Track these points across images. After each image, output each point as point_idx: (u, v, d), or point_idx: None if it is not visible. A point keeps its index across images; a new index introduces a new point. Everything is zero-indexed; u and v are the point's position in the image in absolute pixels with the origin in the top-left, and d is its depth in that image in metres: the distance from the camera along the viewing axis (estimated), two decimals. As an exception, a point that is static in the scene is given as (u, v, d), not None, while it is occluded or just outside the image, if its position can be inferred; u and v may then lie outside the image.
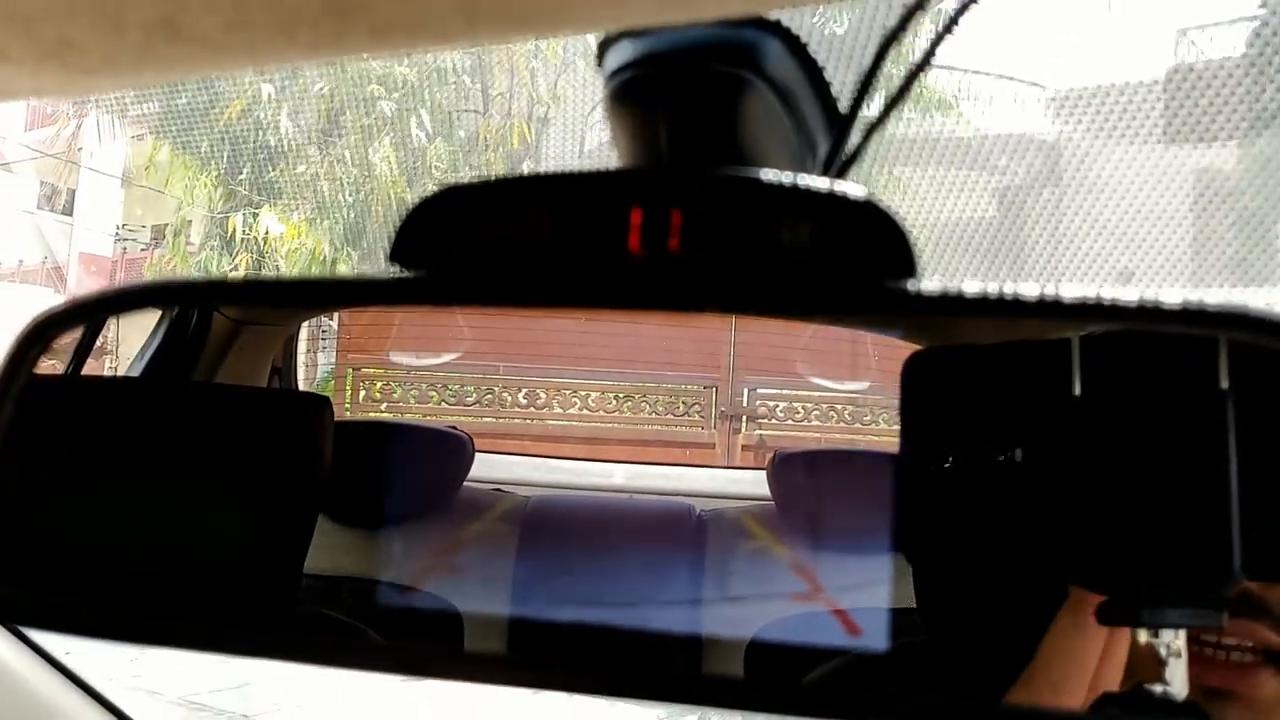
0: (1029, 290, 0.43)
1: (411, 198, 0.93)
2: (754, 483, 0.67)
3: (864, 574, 0.66)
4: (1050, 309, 0.42)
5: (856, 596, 0.65)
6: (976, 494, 0.51)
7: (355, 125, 6.13)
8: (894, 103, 0.52)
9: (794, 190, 0.45)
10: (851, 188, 0.45)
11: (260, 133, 6.13)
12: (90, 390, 0.78)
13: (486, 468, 0.74)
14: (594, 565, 0.64)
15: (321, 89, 6.26)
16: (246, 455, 0.72)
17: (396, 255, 0.47)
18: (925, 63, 0.52)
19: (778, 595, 0.62)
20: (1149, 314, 0.41)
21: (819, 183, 0.46)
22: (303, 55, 0.37)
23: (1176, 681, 0.51)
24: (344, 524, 0.75)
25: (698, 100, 0.51)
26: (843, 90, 0.53)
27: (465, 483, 0.74)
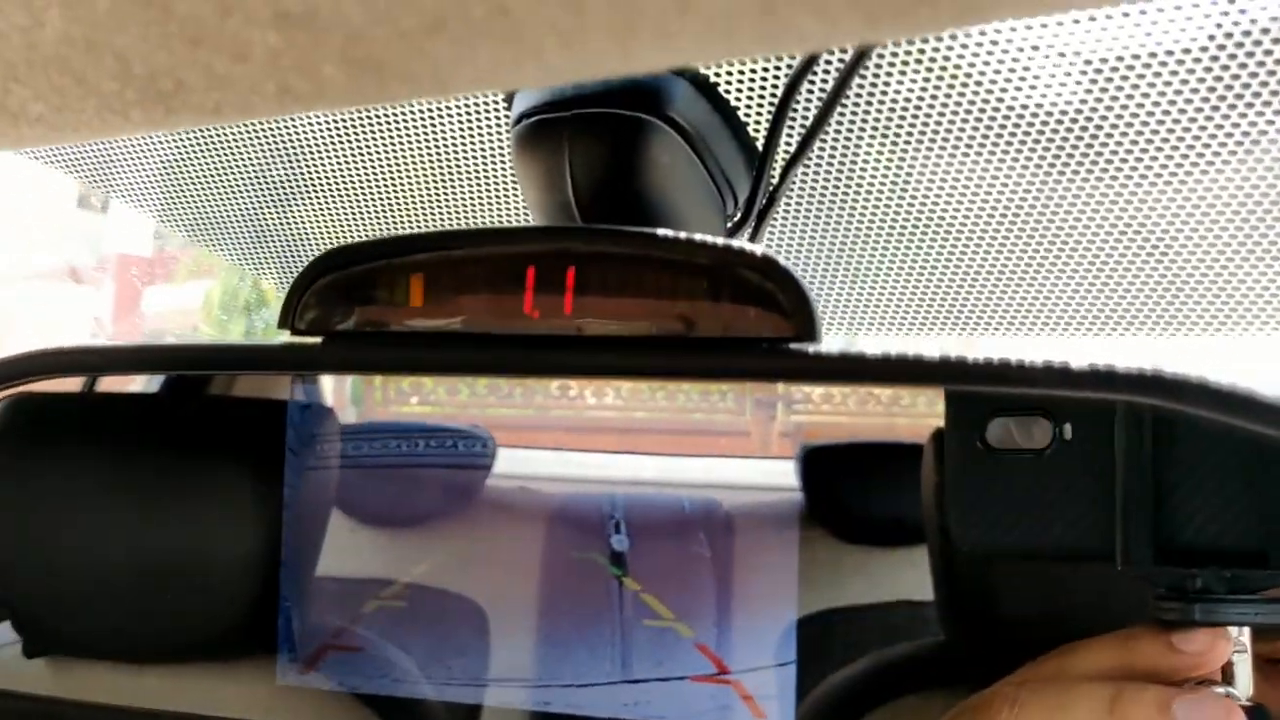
0: (931, 353, 0.40)
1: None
2: (785, 474, 0.66)
3: (894, 568, 0.64)
4: (956, 374, 0.40)
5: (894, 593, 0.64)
6: (1020, 475, 0.49)
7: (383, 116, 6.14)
8: (810, 137, 0.50)
9: (690, 248, 0.43)
10: (750, 246, 0.43)
11: (291, 123, 6.17)
12: (94, 408, 0.78)
13: (515, 463, 0.73)
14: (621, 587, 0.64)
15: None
16: (241, 473, 0.71)
17: (285, 322, 0.46)
18: (837, 96, 0.49)
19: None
20: (1059, 379, 0.39)
21: (716, 241, 0.43)
22: (142, 129, 0.36)
23: (1241, 682, 0.48)
24: (364, 525, 0.74)
25: (600, 147, 0.49)
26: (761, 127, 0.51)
27: (490, 479, 0.73)
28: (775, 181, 0.55)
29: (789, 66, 0.58)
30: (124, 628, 0.71)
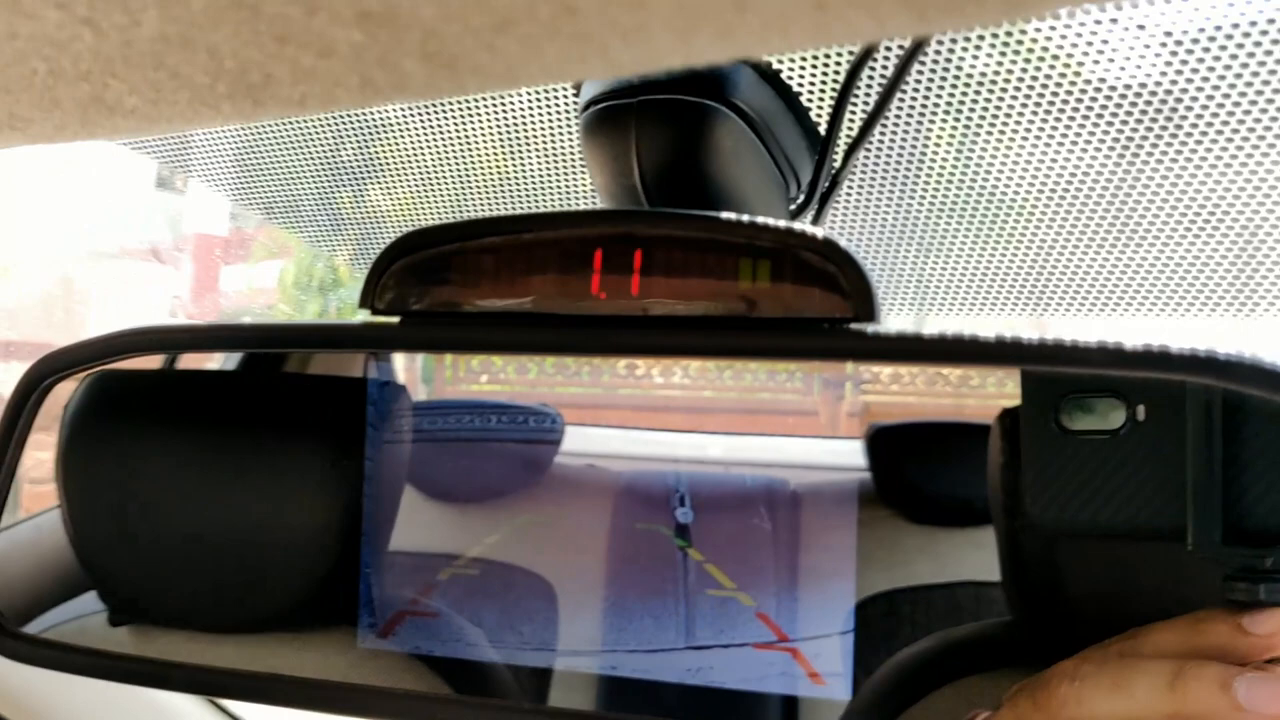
0: (986, 333, 0.41)
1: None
2: (852, 453, 0.66)
3: (960, 548, 0.64)
4: (1011, 353, 0.41)
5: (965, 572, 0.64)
6: (1094, 456, 0.49)
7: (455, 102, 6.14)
8: (872, 121, 0.50)
9: (753, 230, 0.44)
10: (810, 229, 0.44)
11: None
12: (175, 385, 0.80)
13: (582, 441, 0.74)
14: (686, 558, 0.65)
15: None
16: (319, 448, 0.72)
17: (365, 303, 0.47)
18: (898, 80, 0.50)
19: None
20: (1115, 359, 0.39)
21: (778, 224, 0.44)
22: (232, 120, 0.38)
23: None
24: (436, 500, 0.76)
25: (666, 133, 0.50)
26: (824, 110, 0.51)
27: (559, 457, 0.75)
28: (837, 165, 0.56)
29: (851, 52, 0.59)
30: (205, 598, 0.73)
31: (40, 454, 0.71)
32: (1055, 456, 0.50)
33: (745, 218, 0.45)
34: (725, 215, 0.45)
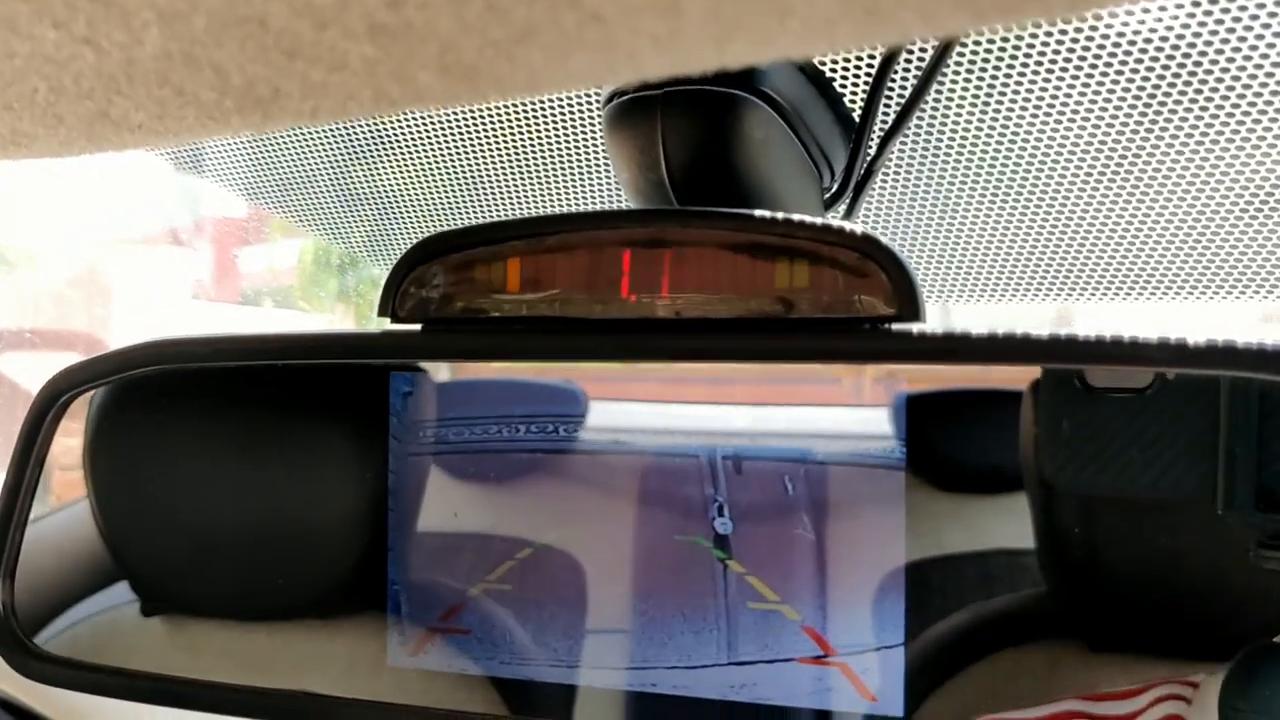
0: (1038, 331, 0.39)
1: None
2: (879, 421, 0.65)
3: (991, 516, 0.63)
4: (1065, 352, 0.39)
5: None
6: (1121, 415, 0.47)
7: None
8: (909, 108, 0.48)
9: (788, 228, 0.42)
10: (849, 225, 0.42)
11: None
12: (203, 372, 0.80)
13: (608, 416, 0.73)
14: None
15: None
16: (345, 432, 0.72)
17: (385, 310, 0.46)
18: (937, 66, 0.48)
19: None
20: (1177, 356, 0.38)
21: (815, 221, 0.42)
22: (240, 132, 0.37)
23: None
24: (462, 481, 0.75)
25: (694, 124, 0.48)
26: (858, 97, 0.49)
27: (584, 434, 0.74)
28: (873, 153, 0.54)
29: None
30: (237, 586, 0.73)
31: (69, 440, 0.70)
32: (1080, 416, 0.48)
33: (780, 215, 0.43)
34: (759, 213, 0.43)
